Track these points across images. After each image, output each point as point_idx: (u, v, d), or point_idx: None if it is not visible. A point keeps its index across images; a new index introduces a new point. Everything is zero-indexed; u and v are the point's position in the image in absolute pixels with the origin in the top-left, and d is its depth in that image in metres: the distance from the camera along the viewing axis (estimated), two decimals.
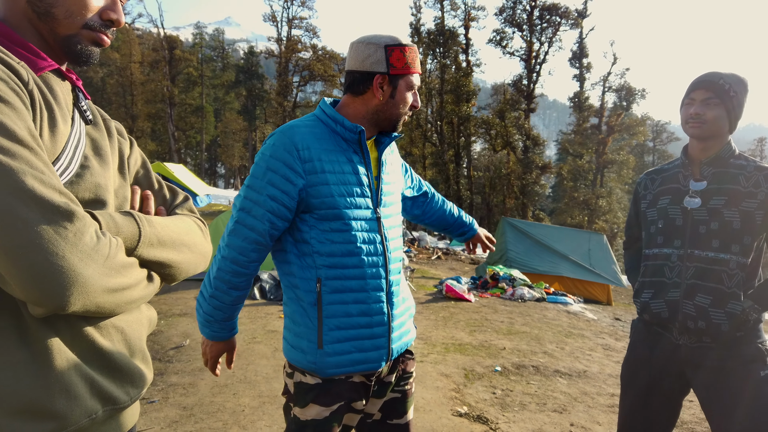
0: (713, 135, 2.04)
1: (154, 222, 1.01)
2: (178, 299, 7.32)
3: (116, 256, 0.86)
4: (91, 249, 0.81)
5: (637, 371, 2.22)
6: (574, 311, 9.15)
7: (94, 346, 0.94)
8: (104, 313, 0.90)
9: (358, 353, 1.60)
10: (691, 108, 2.05)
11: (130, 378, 1.01)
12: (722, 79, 2.01)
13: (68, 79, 1.02)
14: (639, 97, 35.27)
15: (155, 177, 1.22)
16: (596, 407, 4.33)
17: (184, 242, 1.08)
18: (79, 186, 0.94)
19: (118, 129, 1.18)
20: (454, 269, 15.24)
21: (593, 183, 35.39)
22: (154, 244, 0.98)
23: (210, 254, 1.20)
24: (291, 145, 1.55)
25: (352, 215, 1.60)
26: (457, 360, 5.43)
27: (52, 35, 0.99)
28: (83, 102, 1.04)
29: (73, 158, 0.94)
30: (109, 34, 1.05)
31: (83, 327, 0.92)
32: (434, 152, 35.64)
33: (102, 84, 53.32)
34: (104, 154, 1.04)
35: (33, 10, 0.96)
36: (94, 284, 0.81)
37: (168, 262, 1.03)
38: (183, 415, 3.64)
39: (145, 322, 1.11)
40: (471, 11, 34.51)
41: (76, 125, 0.98)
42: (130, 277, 0.91)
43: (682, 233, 2.08)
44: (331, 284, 1.58)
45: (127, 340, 1.02)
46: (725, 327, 1.94)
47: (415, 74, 1.67)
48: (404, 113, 1.69)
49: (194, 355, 4.97)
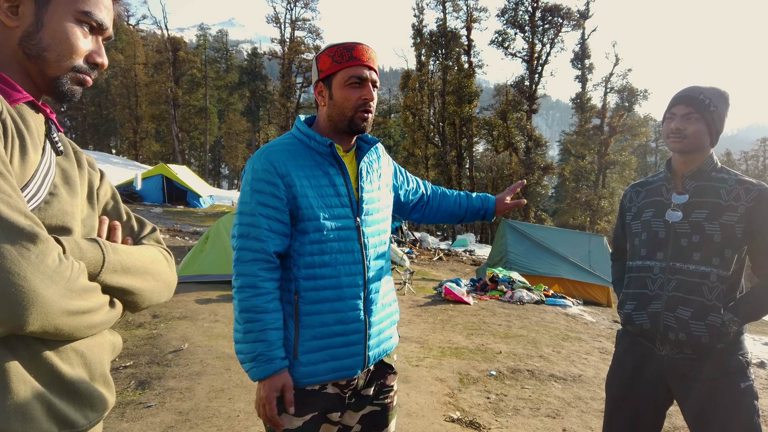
0: (694, 149, 2.08)
1: (119, 249, 1.04)
2: (178, 302, 7.37)
3: (78, 279, 0.89)
4: (52, 271, 0.83)
5: (621, 381, 2.25)
6: (572, 314, 9.17)
7: (53, 370, 0.95)
8: (63, 335, 0.91)
9: (332, 361, 1.63)
10: (672, 123, 2.10)
11: (90, 402, 1.02)
12: (702, 93, 2.04)
13: (42, 111, 1.06)
14: (641, 97, 35.17)
15: (124, 208, 1.26)
16: (590, 412, 4.36)
17: (149, 271, 1.11)
18: (46, 212, 0.97)
19: (89, 161, 1.21)
20: (455, 271, 15.26)
21: (595, 184, 35.35)
22: (117, 270, 1.01)
23: (174, 284, 1.22)
24: (268, 164, 1.62)
25: (329, 226, 1.64)
26: (453, 364, 5.46)
27: (41, 75, 1.04)
28: (55, 134, 1.07)
29: (42, 185, 0.97)
30: (92, 75, 1.10)
31: (43, 350, 0.94)
32: (436, 153, 35.65)
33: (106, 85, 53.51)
34: (73, 184, 1.07)
35: (24, 51, 1.01)
36: (54, 305, 0.84)
37: (131, 289, 1.05)
38: (178, 420, 3.68)
39: (107, 347, 1.12)
40: (473, 12, 34.51)
41: (46, 155, 1.02)
42: (90, 301, 0.93)
43: (665, 246, 2.11)
44: (308, 296, 1.62)
45: (87, 364, 1.03)
46: (705, 339, 1.97)
47: (345, 68, 1.65)
48: (353, 109, 1.67)
49: (192, 359, 5.01)
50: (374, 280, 1.73)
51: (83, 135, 58.96)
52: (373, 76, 1.68)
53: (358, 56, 1.65)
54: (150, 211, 21.04)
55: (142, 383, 4.36)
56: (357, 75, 1.65)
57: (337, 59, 1.65)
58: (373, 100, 1.68)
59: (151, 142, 52.50)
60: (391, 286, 1.90)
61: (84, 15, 1.05)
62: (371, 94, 1.67)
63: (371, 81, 1.68)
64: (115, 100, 52.91)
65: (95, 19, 1.07)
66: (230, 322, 6.50)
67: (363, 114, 1.68)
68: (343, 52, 1.65)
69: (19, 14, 1.00)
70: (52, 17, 1.02)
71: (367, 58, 1.66)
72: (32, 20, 1.01)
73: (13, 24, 1.00)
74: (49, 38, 1.02)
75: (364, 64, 1.66)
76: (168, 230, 16.16)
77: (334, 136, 1.73)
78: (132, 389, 4.23)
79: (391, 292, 1.89)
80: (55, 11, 1.02)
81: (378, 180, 1.84)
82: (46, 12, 1.02)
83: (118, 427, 3.52)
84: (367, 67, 1.67)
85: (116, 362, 4.79)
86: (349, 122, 1.68)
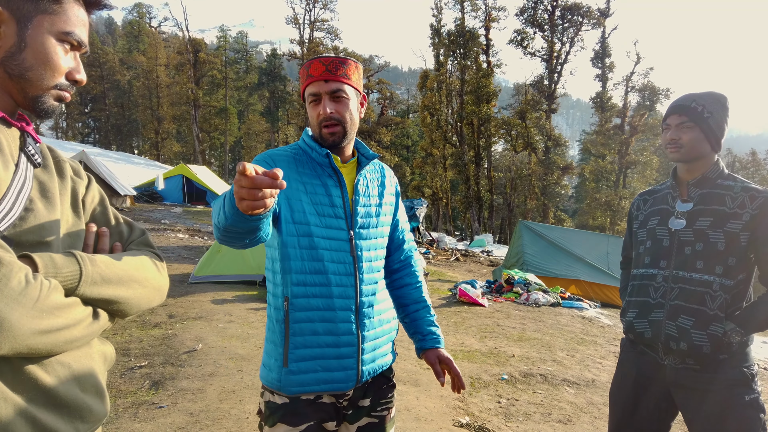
0: (693, 157, 2.06)
1: (97, 261, 1.04)
2: (194, 302, 7.46)
3: (48, 298, 0.90)
4: (17, 294, 0.85)
5: (624, 390, 2.23)
6: (589, 316, 9.07)
7: (37, 384, 0.96)
8: (40, 353, 0.93)
9: (323, 372, 1.64)
10: (668, 133, 2.09)
11: (79, 413, 1.03)
12: (695, 101, 2.03)
13: (14, 125, 1.07)
14: (663, 96, 34.59)
15: (112, 213, 1.26)
16: (602, 418, 4.31)
17: (134, 278, 1.11)
18: (22, 228, 0.98)
19: (74, 168, 1.22)
20: (472, 272, 15.20)
21: (616, 184, 34.89)
22: (97, 282, 1.02)
23: (165, 288, 1.23)
24: (269, 158, 1.68)
25: (321, 234, 1.65)
26: (465, 368, 5.44)
27: (22, 94, 1.05)
28: (31, 147, 1.08)
29: (17, 202, 0.98)
30: (71, 91, 1.12)
31: (25, 365, 0.95)
32: (454, 153, 35.51)
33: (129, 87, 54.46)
34: (51, 196, 1.08)
35: (5, 71, 1.03)
36: (22, 327, 0.85)
37: (115, 299, 1.06)
38: (189, 421, 3.73)
39: (96, 357, 1.12)
40: (492, 12, 34.32)
41: (20, 170, 1.02)
42: (66, 318, 0.94)
43: (669, 254, 2.09)
44: (298, 302, 1.62)
45: (76, 376, 1.04)
46: (707, 349, 1.94)
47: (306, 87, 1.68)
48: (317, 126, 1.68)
49: (206, 360, 5.07)
50: (368, 294, 1.73)
51: (106, 136, 60.08)
52: (329, 87, 1.65)
53: (312, 73, 1.65)
54: (170, 211, 21.33)
55: (155, 383, 4.43)
56: (312, 92, 1.66)
57: (302, 80, 1.69)
58: (327, 113, 1.64)
59: (172, 142, 53.27)
60: (390, 304, 1.88)
61: (66, 35, 1.07)
62: (325, 110, 1.64)
63: (327, 93, 1.65)
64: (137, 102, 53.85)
65: (76, 39, 1.09)
66: (244, 322, 6.58)
67: (326, 129, 1.67)
68: (304, 72, 1.68)
69: (0, 34, 1.01)
70: (35, 38, 1.03)
71: (320, 72, 1.64)
72: (15, 41, 1.02)
73: None
74: (32, 59, 1.03)
75: (317, 79, 1.64)
76: (187, 230, 16.38)
77: (330, 148, 1.74)
78: (146, 389, 4.29)
79: (390, 310, 1.87)
80: (38, 32, 1.03)
81: (377, 196, 1.83)
82: (28, 32, 1.03)
83: (130, 428, 3.58)
84: (323, 81, 1.64)
85: (131, 362, 4.88)
86: (320, 138, 1.70)
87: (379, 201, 1.83)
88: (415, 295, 1.95)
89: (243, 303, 7.65)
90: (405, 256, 1.99)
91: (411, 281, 1.97)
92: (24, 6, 1.02)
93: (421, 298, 1.96)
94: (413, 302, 1.94)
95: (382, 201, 1.84)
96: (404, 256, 1.98)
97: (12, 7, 1.01)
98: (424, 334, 1.91)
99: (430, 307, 1.97)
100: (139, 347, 5.36)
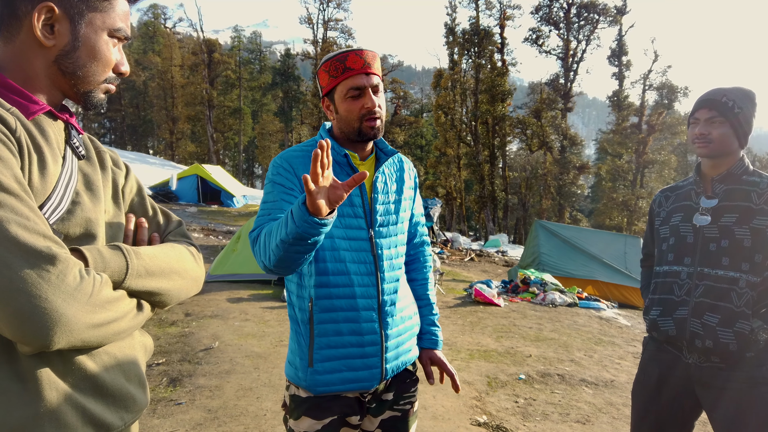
0: (721, 153, 2.02)
1: (141, 253, 1.06)
2: (210, 301, 7.51)
3: (100, 292, 0.92)
4: (73, 289, 0.86)
5: (646, 389, 2.20)
6: (606, 317, 8.97)
7: (87, 374, 0.99)
8: (92, 346, 0.95)
9: (348, 372, 1.64)
10: (696, 128, 2.04)
11: (124, 403, 1.06)
12: (725, 96, 1.98)
13: (60, 118, 1.09)
14: (681, 95, 34.21)
15: (150, 203, 1.29)
16: (621, 419, 4.26)
17: (174, 270, 1.13)
18: (70, 222, 1.00)
19: (114, 158, 1.24)
20: (487, 272, 15.12)
21: (633, 183, 34.54)
22: (142, 274, 1.04)
23: (202, 278, 1.25)
24: (286, 162, 1.68)
25: (342, 235, 1.65)
26: (481, 367, 5.42)
27: (73, 89, 1.08)
28: (75, 139, 1.10)
29: (65, 196, 1.00)
30: (116, 83, 1.15)
31: (75, 356, 0.97)
32: (468, 152, 35.38)
33: (144, 87, 54.96)
34: (95, 189, 1.10)
35: (59, 68, 1.05)
36: (78, 322, 0.87)
37: (157, 290, 1.08)
38: (207, 417, 3.75)
39: (138, 347, 1.16)
40: (506, 10, 34.13)
41: (67, 163, 1.05)
42: (115, 311, 0.96)
43: (693, 251, 2.06)
44: (321, 303, 1.63)
45: (121, 366, 1.07)
46: (733, 347, 1.91)
47: (342, 81, 1.64)
48: (358, 120, 1.65)
49: (223, 358, 5.10)
50: (389, 293, 1.72)
51: (122, 136, 60.72)
52: (372, 81, 1.65)
53: (351, 66, 1.62)
54: (185, 211, 21.50)
55: (173, 380, 4.46)
56: (354, 86, 1.63)
57: (333, 73, 1.65)
58: (375, 106, 1.64)
59: (186, 142, 53.66)
60: (411, 299, 1.88)
61: (116, 32, 1.10)
62: (372, 102, 1.63)
63: (371, 87, 1.64)
64: (152, 102, 54.34)
65: (125, 35, 1.12)
66: (260, 321, 6.61)
67: (369, 122, 1.65)
68: (337, 65, 1.64)
69: (55, 33, 1.03)
70: (89, 36, 1.06)
71: (361, 65, 1.63)
72: (68, 39, 1.04)
73: (50, 44, 1.02)
74: (85, 56, 1.06)
75: (359, 72, 1.63)
76: (202, 229, 16.49)
77: (349, 145, 1.73)
78: (164, 386, 4.33)
79: (411, 305, 1.87)
80: (90, 29, 1.06)
81: (395, 192, 1.81)
82: (81, 30, 1.05)
83: (149, 423, 3.61)
84: (364, 74, 1.64)
85: (149, 360, 4.92)
86: (358, 133, 1.67)
87: (397, 197, 1.82)
88: (419, 291, 1.97)
89: (258, 302, 7.68)
90: (416, 251, 2.00)
91: (418, 277, 1.98)
92: (76, 4, 1.03)
93: (425, 295, 1.98)
94: (417, 299, 1.95)
95: (400, 197, 1.83)
96: (415, 251, 1.99)
97: (65, 6, 1.02)
98: (422, 332, 1.94)
99: (433, 306, 1.99)
100: (156, 345, 5.40)
